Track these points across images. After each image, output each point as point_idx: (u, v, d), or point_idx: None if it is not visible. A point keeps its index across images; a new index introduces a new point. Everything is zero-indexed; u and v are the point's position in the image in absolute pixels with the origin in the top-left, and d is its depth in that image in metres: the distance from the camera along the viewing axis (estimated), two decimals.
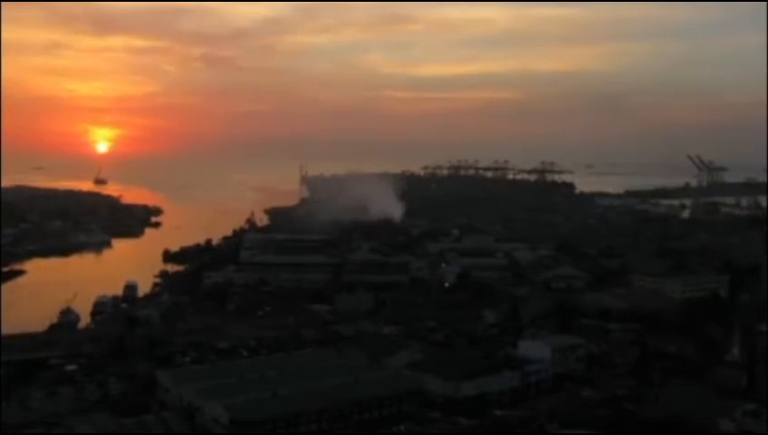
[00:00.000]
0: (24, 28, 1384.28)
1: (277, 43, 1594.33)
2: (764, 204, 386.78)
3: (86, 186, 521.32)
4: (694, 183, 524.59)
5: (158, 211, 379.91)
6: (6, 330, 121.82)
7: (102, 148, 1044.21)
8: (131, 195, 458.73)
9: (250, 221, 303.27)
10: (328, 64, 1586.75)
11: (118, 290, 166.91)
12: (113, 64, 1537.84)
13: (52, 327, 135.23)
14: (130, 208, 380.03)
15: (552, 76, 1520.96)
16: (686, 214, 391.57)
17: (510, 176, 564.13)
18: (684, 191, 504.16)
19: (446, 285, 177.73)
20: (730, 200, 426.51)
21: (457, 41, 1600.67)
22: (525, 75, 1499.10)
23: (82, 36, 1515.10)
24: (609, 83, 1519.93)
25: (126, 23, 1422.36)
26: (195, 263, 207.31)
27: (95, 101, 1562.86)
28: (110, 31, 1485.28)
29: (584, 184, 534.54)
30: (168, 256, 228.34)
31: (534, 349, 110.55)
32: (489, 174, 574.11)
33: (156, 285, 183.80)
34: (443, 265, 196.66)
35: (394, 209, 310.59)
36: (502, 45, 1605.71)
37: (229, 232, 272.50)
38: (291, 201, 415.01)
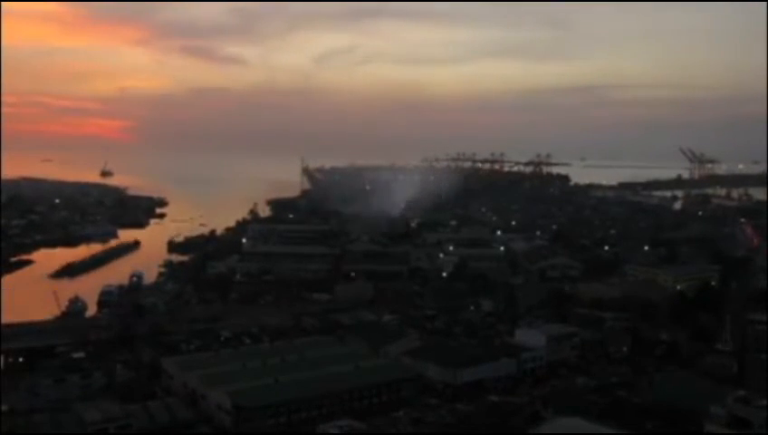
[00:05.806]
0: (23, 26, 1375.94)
1: (261, 35, 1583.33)
2: (754, 195, 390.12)
3: (93, 177, 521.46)
4: (686, 175, 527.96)
5: (162, 202, 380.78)
6: (13, 318, 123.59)
7: (107, 141, 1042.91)
8: (137, 186, 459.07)
9: (253, 212, 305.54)
10: (315, 59, 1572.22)
11: (123, 279, 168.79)
12: (112, 61, 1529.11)
13: (61, 315, 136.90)
14: (136, 200, 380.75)
15: (550, 72, 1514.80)
16: (678, 205, 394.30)
17: (506, 168, 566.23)
18: (676, 183, 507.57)
19: (444, 274, 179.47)
20: (721, 192, 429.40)
21: (454, 36, 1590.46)
22: (523, 71, 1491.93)
23: (80, 32, 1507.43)
24: (604, 79, 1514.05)
25: (122, 19, 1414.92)
26: (198, 253, 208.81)
27: (97, 95, 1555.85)
28: (104, 26, 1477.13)
29: (579, 176, 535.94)
30: (173, 247, 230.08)
31: (530, 337, 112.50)
32: (486, 166, 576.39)
33: (161, 274, 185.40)
34: (441, 255, 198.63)
35: (393, 201, 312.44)
36: (497, 40, 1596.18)
37: (232, 223, 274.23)
38: (292, 193, 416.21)
